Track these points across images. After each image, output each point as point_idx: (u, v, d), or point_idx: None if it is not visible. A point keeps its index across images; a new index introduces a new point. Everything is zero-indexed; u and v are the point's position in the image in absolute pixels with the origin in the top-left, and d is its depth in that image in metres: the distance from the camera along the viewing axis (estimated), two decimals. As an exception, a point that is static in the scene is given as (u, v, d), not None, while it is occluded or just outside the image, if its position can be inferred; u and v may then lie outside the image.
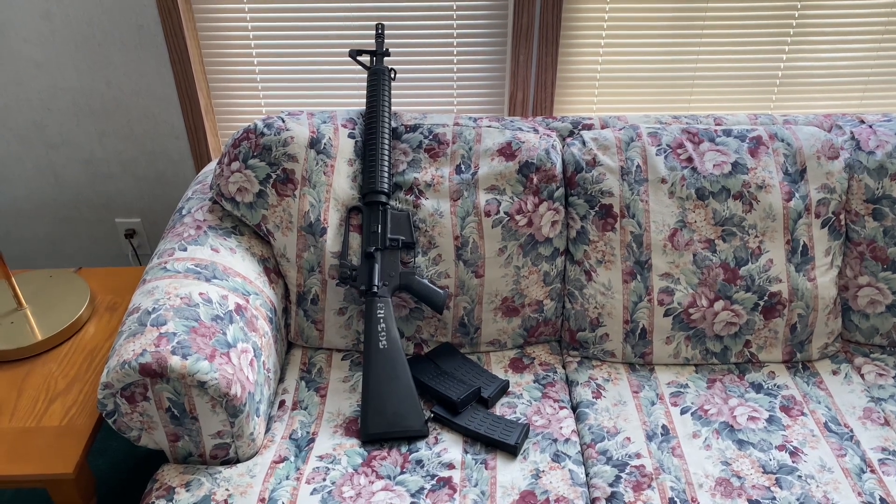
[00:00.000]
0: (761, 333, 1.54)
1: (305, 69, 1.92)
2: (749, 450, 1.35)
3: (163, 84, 1.89)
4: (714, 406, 1.45)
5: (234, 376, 1.23)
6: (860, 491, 1.27)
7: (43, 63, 1.85)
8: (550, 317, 1.60)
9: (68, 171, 2.02)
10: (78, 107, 1.92)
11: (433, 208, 1.53)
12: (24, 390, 1.41)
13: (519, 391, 1.49)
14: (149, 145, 1.99)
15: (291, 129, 1.52)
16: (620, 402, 1.46)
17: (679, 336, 1.54)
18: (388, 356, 1.40)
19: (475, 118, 1.62)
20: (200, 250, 1.44)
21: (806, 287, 1.52)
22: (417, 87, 1.94)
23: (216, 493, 1.23)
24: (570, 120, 1.68)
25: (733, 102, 1.98)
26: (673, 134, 1.57)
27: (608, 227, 1.53)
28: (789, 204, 1.52)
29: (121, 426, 1.24)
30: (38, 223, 2.12)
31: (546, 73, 1.88)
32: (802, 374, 1.54)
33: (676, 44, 1.88)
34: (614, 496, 1.26)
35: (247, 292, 1.41)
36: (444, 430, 1.39)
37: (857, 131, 1.59)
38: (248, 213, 1.52)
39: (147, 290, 1.34)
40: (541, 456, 1.34)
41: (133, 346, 1.20)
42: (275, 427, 1.39)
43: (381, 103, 1.57)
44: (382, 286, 1.47)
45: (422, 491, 1.26)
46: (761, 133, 1.57)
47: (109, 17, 1.79)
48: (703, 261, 1.52)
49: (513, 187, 1.53)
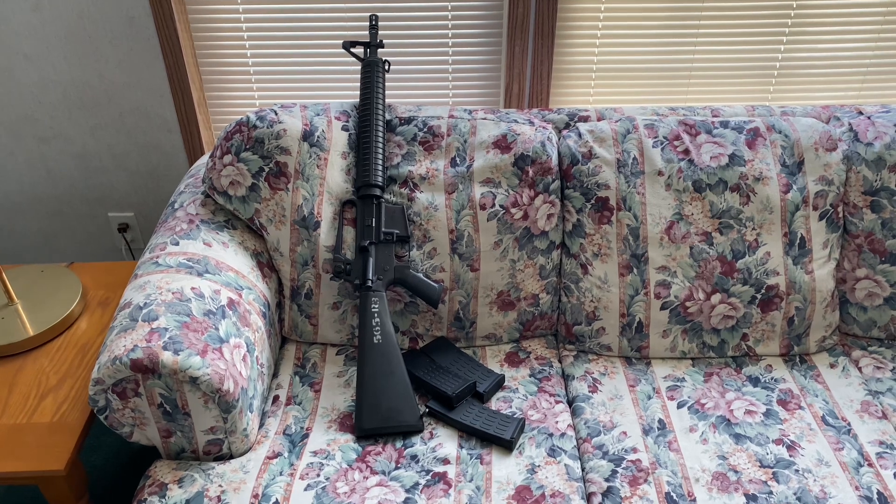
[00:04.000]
0: (758, 327, 1.53)
1: (299, 61, 1.90)
2: (746, 444, 1.34)
3: (155, 77, 1.87)
4: (711, 400, 1.44)
5: (226, 371, 1.22)
6: (857, 485, 1.26)
7: (33, 56, 1.83)
8: (546, 310, 1.59)
9: (60, 165, 2.01)
10: (69, 100, 1.90)
11: (428, 201, 1.51)
12: (16, 386, 1.40)
13: (515, 385, 1.48)
14: (141, 139, 1.97)
15: (284, 121, 1.50)
16: (617, 397, 1.45)
17: (676, 329, 1.53)
18: (382, 351, 1.39)
19: (470, 110, 1.61)
20: (193, 244, 1.42)
21: (803, 280, 1.51)
22: (412, 80, 1.93)
23: (209, 490, 1.22)
24: (566, 112, 1.66)
25: (731, 94, 1.96)
26: (670, 126, 1.56)
27: (604, 219, 1.52)
28: (787, 196, 1.51)
29: (112, 422, 1.23)
30: (31, 217, 2.10)
31: (542, 64, 1.86)
32: (800, 367, 1.53)
33: (673, 35, 1.86)
34: (610, 491, 1.25)
35: (240, 287, 1.40)
36: (440, 424, 1.38)
37: (856, 123, 1.58)
38: (241, 206, 1.50)
39: (139, 285, 1.32)
40: (536, 451, 1.33)
41: (124, 341, 1.19)
42: (268, 422, 1.38)
43: (375, 95, 1.55)
44: (377, 280, 1.46)
45: (417, 486, 1.25)
46: (759, 125, 1.55)
47: (100, 9, 1.77)
48: (700, 253, 1.51)
49: (508, 180, 1.52)
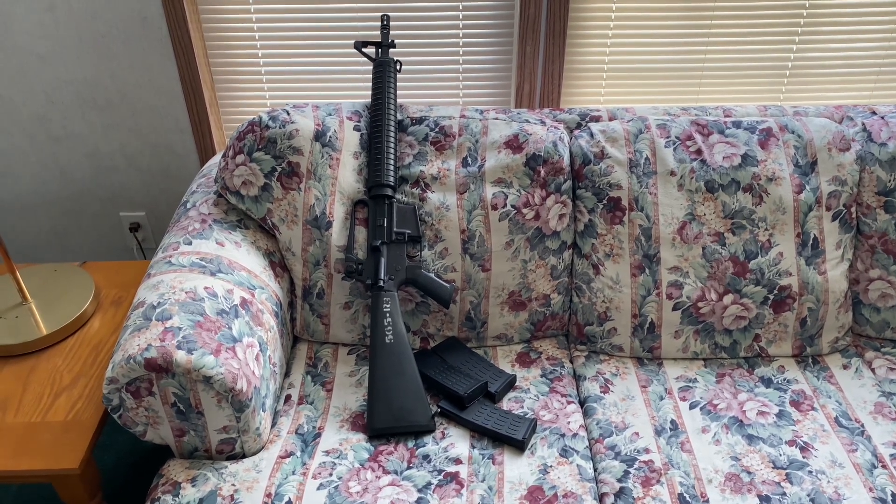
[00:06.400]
0: (771, 327, 1.52)
1: (310, 61, 1.90)
2: (759, 445, 1.34)
3: (167, 77, 1.88)
4: (723, 401, 1.43)
5: (239, 371, 1.22)
6: (871, 486, 1.26)
7: (46, 56, 1.84)
8: (558, 311, 1.59)
9: (73, 165, 2.02)
10: (82, 100, 1.91)
11: (439, 201, 1.51)
12: (30, 385, 1.41)
13: (526, 386, 1.48)
14: (153, 138, 1.98)
15: (296, 121, 1.50)
16: (629, 397, 1.45)
17: (688, 330, 1.52)
18: (394, 350, 1.39)
19: (481, 110, 1.61)
20: (205, 244, 1.43)
21: (816, 280, 1.50)
22: (423, 79, 1.93)
23: (222, 489, 1.22)
24: (577, 112, 1.66)
25: (743, 94, 1.95)
26: (682, 126, 1.55)
27: (616, 220, 1.52)
28: (800, 196, 1.50)
29: (126, 421, 1.24)
30: (43, 217, 2.11)
31: (553, 64, 1.86)
32: (812, 368, 1.52)
33: (685, 34, 1.85)
34: (623, 492, 1.25)
35: (252, 286, 1.40)
36: (451, 424, 1.38)
37: (869, 122, 1.57)
38: (253, 206, 1.51)
39: (152, 285, 1.33)
40: (548, 451, 1.33)
41: (138, 340, 1.20)
42: (281, 422, 1.38)
43: (386, 95, 1.55)
44: (388, 280, 1.46)
45: (429, 486, 1.25)
46: (771, 125, 1.55)
47: (113, 10, 1.78)
48: (713, 254, 1.50)
49: (520, 180, 1.52)
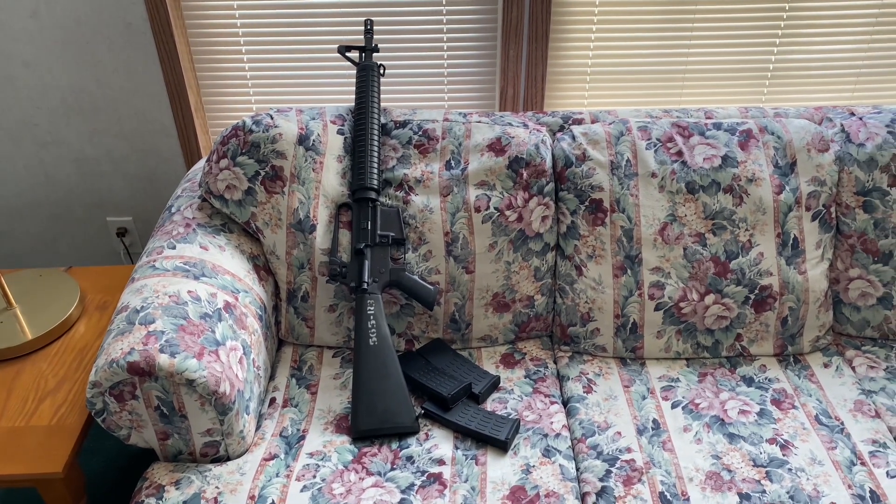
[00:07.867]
0: (752, 327, 1.54)
1: (295, 66, 1.91)
2: (740, 443, 1.35)
3: (152, 82, 1.88)
4: (705, 400, 1.45)
5: (222, 374, 1.23)
6: (850, 483, 1.27)
7: (31, 62, 1.84)
8: (541, 312, 1.60)
9: (59, 170, 2.02)
10: (68, 105, 1.91)
11: (423, 204, 1.52)
12: (14, 390, 1.41)
13: (510, 386, 1.49)
14: (139, 143, 1.98)
15: (280, 125, 1.51)
16: (611, 397, 1.46)
17: (670, 330, 1.53)
18: (378, 353, 1.40)
19: (465, 113, 1.62)
20: (189, 248, 1.43)
21: (797, 280, 1.52)
22: (408, 83, 1.94)
23: (206, 491, 1.23)
24: (560, 115, 1.67)
25: (725, 96, 1.97)
26: (663, 128, 1.57)
27: (598, 221, 1.53)
28: (780, 197, 1.52)
29: (110, 425, 1.24)
30: (29, 222, 2.11)
31: (536, 67, 1.87)
32: (794, 367, 1.54)
33: (667, 37, 1.87)
34: (604, 491, 1.26)
35: (236, 290, 1.41)
36: (435, 426, 1.39)
37: (848, 124, 1.59)
38: (237, 210, 1.51)
39: (135, 289, 1.33)
40: (531, 451, 1.34)
41: (121, 344, 1.20)
42: (265, 424, 1.39)
43: (370, 99, 1.56)
44: (372, 283, 1.47)
45: (412, 487, 1.26)
46: (751, 126, 1.56)
47: (97, 15, 1.78)
48: (694, 255, 1.51)
49: (503, 182, 1.53)
